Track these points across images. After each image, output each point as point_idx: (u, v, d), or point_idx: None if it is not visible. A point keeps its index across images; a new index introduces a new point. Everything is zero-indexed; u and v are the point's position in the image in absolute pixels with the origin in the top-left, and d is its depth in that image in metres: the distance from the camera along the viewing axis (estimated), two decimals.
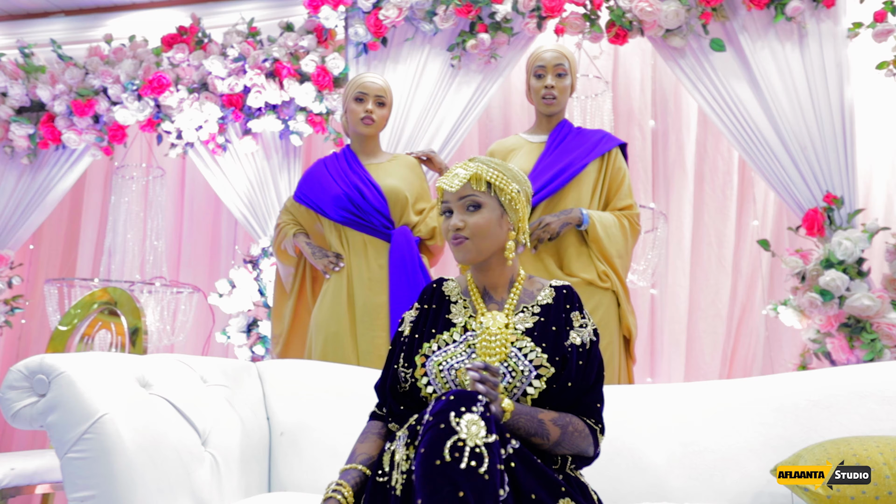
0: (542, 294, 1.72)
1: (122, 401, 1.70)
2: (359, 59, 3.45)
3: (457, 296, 1.74)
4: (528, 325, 1.66)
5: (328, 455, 2.20)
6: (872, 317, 2.75)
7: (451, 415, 1.31)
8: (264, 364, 2.43)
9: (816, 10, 3.03)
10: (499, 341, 1.62)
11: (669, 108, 3.71)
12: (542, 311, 1.69)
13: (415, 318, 1.74)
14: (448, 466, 1.25)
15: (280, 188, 3.51)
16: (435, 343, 1.66)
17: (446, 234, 1.71)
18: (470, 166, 1.69)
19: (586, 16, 3.15)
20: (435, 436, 1.29)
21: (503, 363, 1.60)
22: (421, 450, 1.29)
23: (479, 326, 1.65)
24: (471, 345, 1.63)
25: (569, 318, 1.68)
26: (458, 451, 1.26)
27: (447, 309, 1.72)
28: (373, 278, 2.64)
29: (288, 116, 3.49)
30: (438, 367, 1.61)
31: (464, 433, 1.28)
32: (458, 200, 1.68)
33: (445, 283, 1.78)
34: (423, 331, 1.69)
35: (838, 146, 2.97)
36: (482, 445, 1.28)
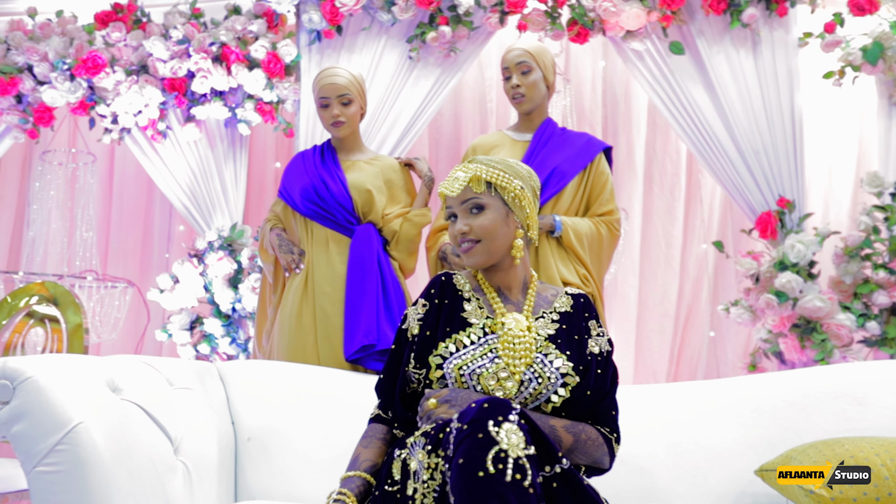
0: (560, 301, 1.69)
1: (95, 408, 1.55)
2: (312, 46, 3.32)
3: (469, 293, 1.67)
4: (550, 331, 1.62)
5: (300, 461, 2.10)
6: (822, 318, 2.84)
7: (490, 423, 1.24)
8: (226, 365, 2.30)
9: (770, 18, 3.10)
10: (523, 345, 1.57)
11: (619, 109, 3.74)
12: (561, 318, 1.65)
13: (423, 314, 1.65)
14: (493, 479, 1.18)
15: (225, 179, 3.34)
16: (451, 343, 1.58)
17: (454, 240, 1.65)
18: (469, 168, 1.64)
19: (548, 13, 3.13)
20: (473, 445, 1.22)
21: (528, 368, 1.55)
22: (459, 460, 1.22)
23: (501, 328, 1.59)
24: (493, 348, 1.57)
25: (587, 326, 1.66)
26: (501, 463, 1.20)
27: (460, 306, 1.64)
28: (333, 275, 2.55)
29: (235, 104, 3.33)
30: (459, 370, 1.54)
31: (505, 443, 1.22)
32: (461, 204, 1.62)
33: (454, 276, 1.71)
34: (435, 329, 1.61)
35: (789, 151, 3.06)
36: (524, 457, 1.22)
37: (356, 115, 2.68)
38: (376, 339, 2.42)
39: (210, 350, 3.14)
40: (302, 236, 2.64)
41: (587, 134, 2.77)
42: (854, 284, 2.92)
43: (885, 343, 2.86)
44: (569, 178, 2.60)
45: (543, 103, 2.70)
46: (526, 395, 1.54)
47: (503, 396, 1.51)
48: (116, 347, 3.65)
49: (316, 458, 2.10)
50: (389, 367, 1.67)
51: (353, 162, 2.69)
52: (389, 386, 1.65)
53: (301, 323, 2.54)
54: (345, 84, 2.64)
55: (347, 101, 2.64)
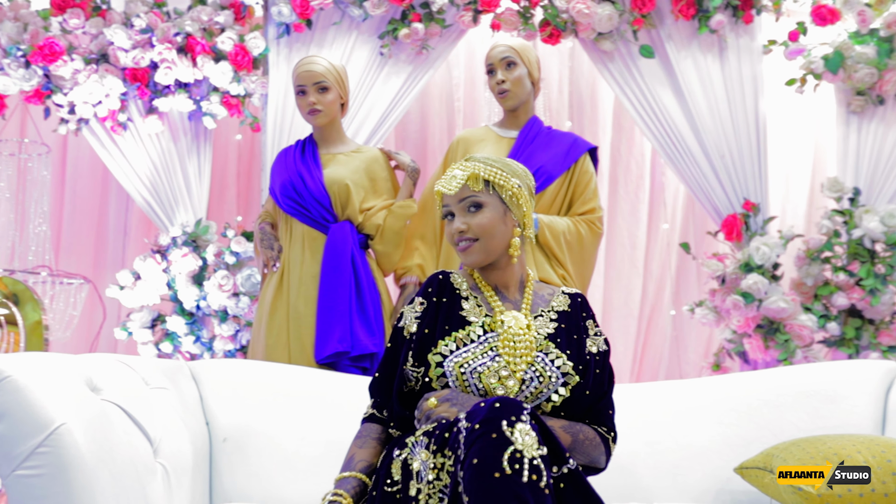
0: (557, 300, 1.69)
1: (77, 408, 1.49)
2: (280, 40, 3.26)
3: (467, 291, 1.66)
4: (549, 330, 1.62)
5: (278, 462, 2.05)
6: (786, 318, 2.91)
7: (504, 423, 1.23)
8: (198, 364, 2.23)
9: (736, 25, 3.17)
10: (523, 343, 1.56)
11: (585, 110, 3.77)
12: (559, 317, 1.65)
13: (421, 312, 1.63)
14: (510, 480, 1.17)
15: (188, 173, 3.26)
16: (451, 341, 1.57)
17: (451, 239, 1.63)
18: (467, 166, 1.63)
19: (521, 13, 3.14)
20: (487, 446, 1.21)
21: (529, 367, 1.54)
22: (473, 460, 1.21)
23: (501, 326, 1.58)
24: (493, 346, 1.56)
25: (585, 326, 1.67)
26: (517, 463, 1.19)
27: (459, 305, 1.63)
28: (307, 273, 2.51)
29: (200, 96, 3.25)
30: (459, 368, 1.53)
31: (519, 444, 1.21)
32: (459, 203, 1.61)
33: (451, 275, 1.70)
34: (434, 327, 1.59)
35: (753, 155, 3.13)
36: (538, 458, 1.21)
37: (334, 103, 2.64)
38: (350, 346, 2.38)
39: (173, 349, 3.05)
40: (282, 234, 2.60)
41: (573, 134, 2.79)
42: (815, 286, 3.00)
43: (843, 343, 2.95)
44: (553, 177, 2.61)
45: (529, 100, 2.70)
46: (527, 394, 1.54)
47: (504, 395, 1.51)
48: (69, 347, 3.52)
49: (295, 459, 2.06)
50: (385, 366, 1.64)
51: (332, 155, 2.65)
52: (385, 385, 1.62)
53: (274, 321, 2.49)
54: (321, 71, 2.61)
55: (324, 88, 2.60)
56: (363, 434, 1.62)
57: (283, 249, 2.57)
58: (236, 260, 3.01)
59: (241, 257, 3.02)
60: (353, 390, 2.22)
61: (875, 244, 2.97)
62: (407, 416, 1.56)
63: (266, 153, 3.23)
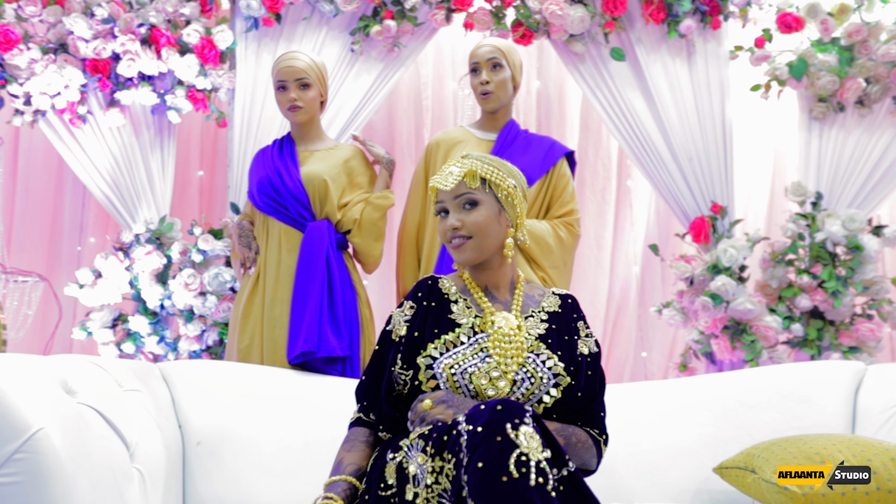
0: (548, 301, 1.69)
1: (54, 412, 1.42)
2: (248, 34, 3.19)
3: (456, 294, 1.64)
4: (539, 331, 1.61)
5: (254, 465, 2.01)
6: (752, 320, 2.96)
7: (508, 426, 1.22)
8: (169, 365, 2.17)
9: (704, 30, 3.21)
10: (514, 344, 1.55)
11: (553, 112, 3.78)
12: (550, 318, 1.64)
13: (410, 316, 1.61)
14: (517, 483, 1.16)
15: (151, 168, 3.16)
16: (441, 344, 1.55)
17: (443, 235, 1.62)
18: (464, 163, 1.62)
19: (493, 13, 3.13)
20: (493, 449, 1.19)
21: (521, 368, 1.53)
22: (478, 464, 1.19)
23: (491, 327, 1.57)
24: (483, 347, 1.54)
25: (576, 327, 1.66)
26: (523, 467, 1.18)
27: (448, 308, 1.61)
28: (283, 272, 2.46)
29: (164, 90, 3.16)
30: (450, 369, 1.51)
31: (525, 447, 1.20)
32: (454, 199, 1.60)
33: (440, 280, 1.68)
34: (423, 330, 1.57)
35: (720, 159, 3.17)
36: (543, 460, 1.20)
37: (315, 100, 2.60)
38: (316, 346, 2.34)
39: (135, 349, 2.96)
40: (260, 234, 2.54)
41: (550, 138, 2.80)
42: (779, 288, 3.06)
43: (805, 344, 3.02)
44: (532, 180, 2.62)
45: (509, 103, 2.69)
46: (518, 396, 1.52)
47: (495, 396, 1.49)
48: (22, 347, 3.39)
49: (272, 462, 2.01)
50: (373, 369, 1.62)
51: (310, 152, 2.62)
52: (373, 388, 1.60)
53: (248, 322, 2.44)
54: (303, 67, 2.57)
55: (305, 84, 2.57)
56: (351, 438, 1.58)
57: (261, 250, 2.52)
58: (203, 258, 2.93)
59: (208, 255, 2.95)
60: (329, 391, 2.19)
61: (836, 247, 3.04)
62: (397, 417, 1.53)
63: (233, 149, 3.16)
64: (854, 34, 3.11)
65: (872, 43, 3.13)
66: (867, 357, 2.99)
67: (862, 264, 3.00)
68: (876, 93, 3.18)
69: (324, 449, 2.02)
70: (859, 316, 3.04)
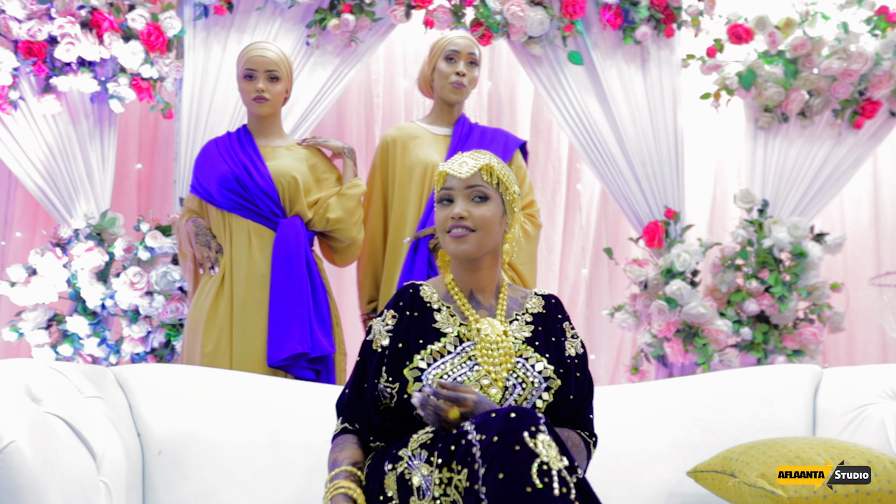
0: (531, 302, 1.65)
1: (24, 423, 1.31)
2: (197, 22, 3.05)
3: (438, 302, 1.59)
4: (526, 333, 1.57)
5: (220, 475, 1.91)
6: (703, 323, 3.02)
7: (525, 435, 1.18)
8: (125, 369, 2.04)
9: (658, 37, 3.26)
10: (501, 350, 1.51)
11: (504, 114, 3.77)
12: (534, 319, 1.61)
13: (392, 326, 1.55)
14: (542, 494, 1.12)
15: (90, 160, 2.98)
16: (427, 355, 1.49)
17: (443, 223, 1.55)
18: (479, 157, 1.57)
19: (453, 10, 3.09)
20: (513, 459, 1.15)
21: (511, 373, 1.49)
22: (498, 475, 1.14)
23: (477, 334, 1.52)
24: (471, 356, 1.50)
25: (562, 328, 1.63)
26: (546, 476, 1.14)
27: (430, 317, 1.55)
28: (254, 272, 2.35)
29: (105, 77, 2.98)
30: (439, 380, 1.46)
31: (545, 456, 1.16)
32: (465, 189, 1.54)
33: (421, 287, 1.62)
34: (407, 341, 1.52)
35: (672, 165, 3.23)
36: (563, 469, 1.17)
37: (281, 95, 2.52)
38: (310, 347, 2.26)
39: (73, 351, 2.78)
40: (219, 232, 2.42)
41: (502, 130, 2.79)
42: (728, 293, 3.13)
43: (752, 347, 3.10)
44: None
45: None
46: (511, 402, 1.49)
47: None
48: None
49: (239, 472, 1.92)
50: (356, 382, 1.55)
51: (272, 148, 2.52)
52: (357, 401, 1.53)
53: (214, 325, 2.32)
54: (275, 59, 2.48)
55: (275, 76, 2.48)
56: (340, 443, 1.51)
57: (224, 249, 2.40)
58: (151, 256, 2.78)
59: (155, 253, 2.80)
60: (297, 395, 2.10)
61: (781, 253, 3.14)
62: (388, 427, 1.47)
63: (180, 143, 3.01)
64: (799, 48, 3.22)
65: (815, 57, 3.24)
66: (809, 360, 3.09)
67: (806, 270, 3.10)
68: (817, 105, 3.29)
69: (293, 455, 1.95)
70: (802, 320, 3.14)
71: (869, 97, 3.30)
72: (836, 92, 3.26)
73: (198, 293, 2.41)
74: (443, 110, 2.67)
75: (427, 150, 2.59)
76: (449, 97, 2.60)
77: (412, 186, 2.59)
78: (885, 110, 3.37)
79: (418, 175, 2.59)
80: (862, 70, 3.21)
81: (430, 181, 2.59)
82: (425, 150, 2.59)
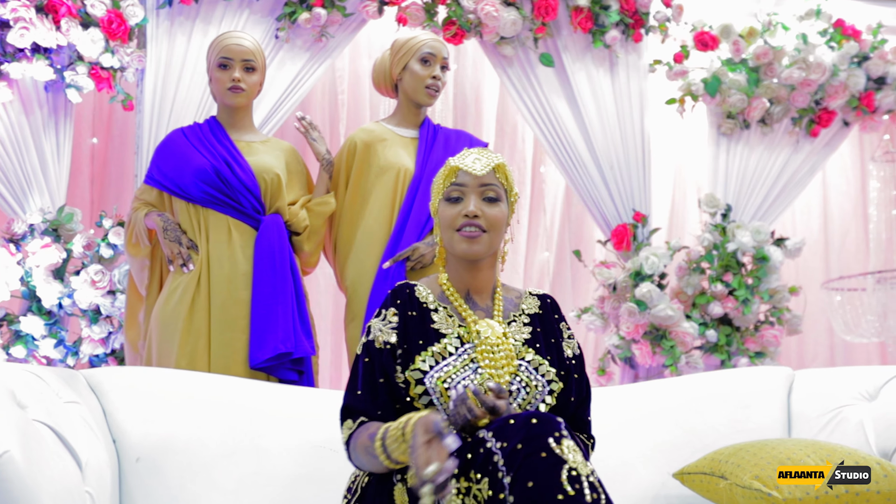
0: (527, 302, 1.61)
1: (14, 431, 1.22)
2: (161, 10, 2.94)
3: (434, 302, 1.54)
4: (525, 335, 1.54)
5: (202, 482, 1.83)
6: (671, 326, 3.06)
7: (551, 441, 1.15)
8: (97, 373, 1.94)
9: (626, 42, 3.29)
10: (503, 353, 1.48)
11: (469, 113, 3.76)
12: (532, 321, 1.57)
13: (397, 324, 1.49)
14: (573, 501, 1.10)
15: (45, 152, 2.84)
16: (429, 356, 1.45)
17: (453, 220, 1.49)
18: (491, 155, 1.53)
19: (426, 8, 3.05)
20: (541, 466, 1.13)
21: (514, 377, 1.46)
22: (528, 483, 1.12)
23: (477, 336, 1.48)
24: (472, 358, 1.46)
25: (559, 329, 1.60)
26: (576, 483, 1.12)
27: (428, 317, 1.51)
28: (236, 270, 2.26)
29: (62, 65, 2.84)
30: (442, 383, 1.42)
31: (573, 461, 1.14)
32: (479, 187, 1.50)
33: (416, 287, 1.57)
34: (408, 342, 1.47)
35: (639, 169, 3.27)
36: (591, 474, 1.15)
37: (256, 86, 2.43)
38: (293, 347, 2.18)
39: (27, 353, 2.63)
40: (190, 228, 2.31)
41: (465, 132, 2.76)
42: (693, 295, 3.18)
43: (716, 349, 3.15)
44: None
45: None
46: (515, 407, 1.46)
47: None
48: None
49: (221, 479, 1.84)
50: (369, 379, 1.47)
51: (247, 143, 2.42)
52: (371, 397, 1.45)
53: (192, 326, 2.22)
54: (251, 49, 2.40)
55: (251, 67, 2.39)
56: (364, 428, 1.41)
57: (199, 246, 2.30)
58: (114, 253, 2.66)
59: (118, 250, 2.68)
60: (280, 399, 2.03)
61: (744, 256, 3.21)
62: None
63: (142, 136, 2.90)
64: (761, 56, 3.30)
65: (777, 66, 3.32)
66: (770, 361, 3.16)
67: (767, 274, 3.17)
68: (778, 113, 3.38)
69: (277, 461, 1.88)
70: (763, 323, 3.21)
71: (825, 107, 3.41)
72: (795, 101, 3.35)
73: (167, 293, 2.28)
74: (410, 111, 2.62)
75: (398, 154, 2.53)
76: (423, 100, 2.56)
77: (383, 190, 2.52)
78: (839, 120, 3.48)
79: (390, 179, 2.52)
80: (820, 80, 3.31)
81: (402, 185, 2.52)
82: (396, 154, 2.53)
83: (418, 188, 2.48)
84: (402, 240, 2.44)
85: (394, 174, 2.51)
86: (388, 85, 2.61)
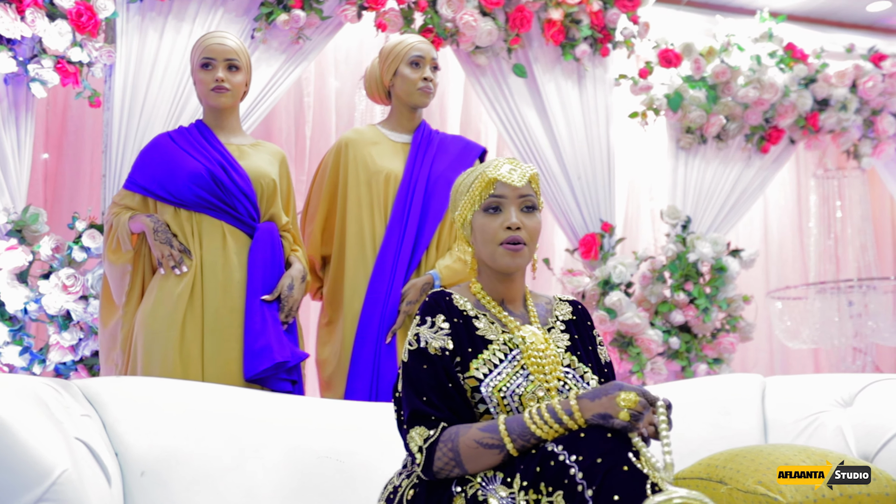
0: (560, 310, 1.63)
1: (66, 448, 1.16)
2: (132, 5, 2.84)
3: (473, 310, 1.54)
4: (565, 342, 1.55)
5: (210, 496, 1.78)
6: (637, 333, 3.15)
7: (631, 455, 1.18)
8: (93, 383, 1.85)
9: (594, 56, 3.38)
10: (549, 359, 1.49)
11: (434, 121, 3.76)
12: (567, 327, 1.59)
13: (449, 329, 1.48)
14: None
15: (5, 149, 2.69)
16: (482, 363, 1.45)
17: (495, 234, 1.48)
18: (524, 166, 1.53)
19: (404, 14, 3.05)
20: (626, 480, 1.15)
21: (562, 385, 1.48)
22: (613, 497, 1.14)
23: (523, 342, 1.49)
24: (522, 364, 1.47)
25: (592, 335, 1.63)
26: (661, 495, 1.15)
27: (472, 325, 1.51)
28: (230, 279, 2.19)
29: (25, 58, 2.71)
30: (498, 392, 1.42)
31: (652, 476, 1.17)
32: (519, 198, 1.49)
33: (452, 296, 1.56)
34: (461, 349, 1.47)
35: (605, 180, 3.35)
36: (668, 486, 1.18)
37: (241, 87, 2.36)
38: (290, 356, 2.14)
39: None
40: (182, 234, 2.22)
41: (461, 137, 2.76)
42: (657, 304, 3.29)
43: (677, 356, 3.27)
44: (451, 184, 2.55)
45: None
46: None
47: None
48: None
49: (228, 492, 1.79)
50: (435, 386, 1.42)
51: (237, 146, 2.35)
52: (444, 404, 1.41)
53: (184, 335, 2.14)
54: (235, 48, 2.33)
55: (234, 66, 2.32)
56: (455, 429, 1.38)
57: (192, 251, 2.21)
58: (87, 256, 2.54)
59: (91, 254, 2.56)
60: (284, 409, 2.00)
61: (703, 266, 3.34)
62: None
63: (111, 134, 2.78)
64: (720, 75, 3.44)
65: (733, 85, 3.47)
66: (726, 367, 3.30)
67: (725, 283, 3.31)
68: (733, 130, 3.54)
69: (285, 473, 1.85)
70: (720, 330, 3.35)
71: (775, 125, 3.58)
72: (749, 118, 3.51)
73: (154, 299, 2.17)
74: (404, 115, 2.61)
75: (384, 158, 2.51)
76: (418, 102, 2.54)
77: (372, 195, 2.49)
78: (786, 138, 3.67)
79: (379, 184, 2.50)
80: (772, 100, 3.48)
81: (392, 191, 2.51)
82: (387, 159, 2.52)
83: (408, 193, 2.48)
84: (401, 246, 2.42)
85: (383, 179, 2.49)
86: (382, 92, 2.59)
